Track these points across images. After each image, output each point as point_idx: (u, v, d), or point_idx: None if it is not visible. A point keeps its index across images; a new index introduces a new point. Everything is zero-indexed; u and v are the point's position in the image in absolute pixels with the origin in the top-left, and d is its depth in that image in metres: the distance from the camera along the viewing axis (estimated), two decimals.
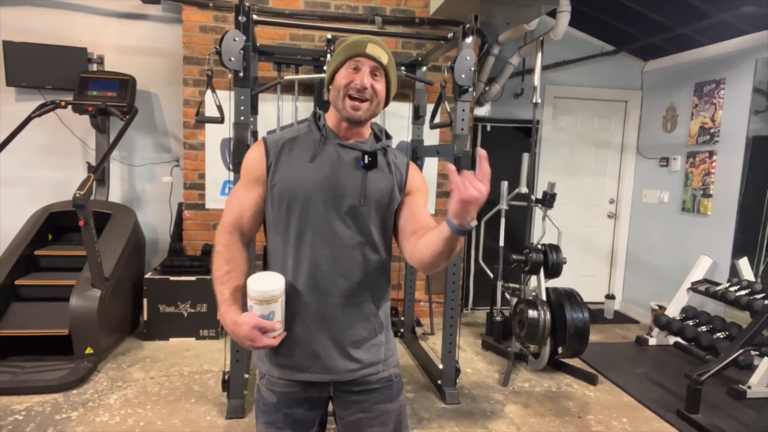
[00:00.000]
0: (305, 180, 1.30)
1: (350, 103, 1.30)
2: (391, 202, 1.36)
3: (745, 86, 4.01)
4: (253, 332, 1.21)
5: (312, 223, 1.30)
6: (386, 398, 1.38)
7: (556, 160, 5.19)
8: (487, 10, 3.98)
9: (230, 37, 2.59)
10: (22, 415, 2.72)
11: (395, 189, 1.36)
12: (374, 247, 1.34)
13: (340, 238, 1.30)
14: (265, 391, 1.36)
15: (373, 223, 1.34)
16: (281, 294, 1.22)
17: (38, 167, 4.33)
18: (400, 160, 1.43)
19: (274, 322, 1.22)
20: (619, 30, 4.64)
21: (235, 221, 1.35)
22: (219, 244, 1.33)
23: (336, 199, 1.30)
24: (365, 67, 1.30)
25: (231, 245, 1.33)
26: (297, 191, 1.30)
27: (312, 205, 1.29)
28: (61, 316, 3.28)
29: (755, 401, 3.19)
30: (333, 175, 1.31)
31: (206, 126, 4.16)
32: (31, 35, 4.12)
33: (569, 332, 3.32)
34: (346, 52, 1.32)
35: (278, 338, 1.26)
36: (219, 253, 1.32)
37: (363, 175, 1.33)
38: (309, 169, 1.31)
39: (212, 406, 2.91)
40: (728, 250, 4.09)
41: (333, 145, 1.35)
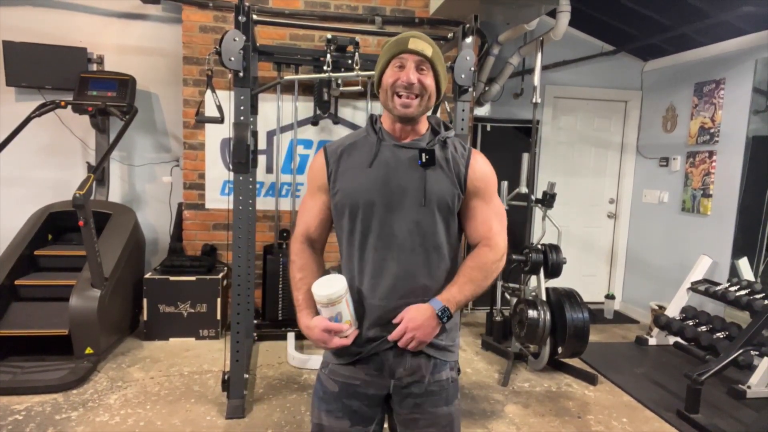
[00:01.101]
0: (364, 185, 1.30)
1: (399, 101, 1.29)
2: (453, 201, 1.34)
3: (744, 86, 4.01)
4: (324, 335, 1.27)
5: (374, 227, 1.30)
6: (443, 401, 1.37)
7: (556, 160, 5.19)
8: (487, 10, 3.98)
9: (230, 37, 2.59)
10: (22, 415, 2.72)
11: (455, 187, 1.34)
12: (438, 249, 1.33)
13: (402, 240, 1.30)
14: (326, 379, 1.38)
15: (437, 224, 1.32)
16: (344, 294, 1.26)
17: (38, 167, 4.32)
18: (460, 152, 1.38)
19: (342, 323, 1.27)
20: (619, 30, 4.64)
21: (305, 231, 1.41)
22: (292, 253, 1.41)
23: (397, 201, 1.30)
24: (410, 63, 1.29)
25: (302, 253, 1.40)
26: (357, 197, 1.31)
27: (373, 210, 1.30)
28: (61, 316, 3.28)
29: (755, 401, 3.19)
30: (392, 178, 1.30)
31: (206, 126, 4.16)
32: (30, 35, 4.12)
33: (569, 332, 3.32)
34: (389, 52, 1.31)
35: (351, 336, 1.29)
36: (293, 262, 1.39)
37: (422, 174, 1.31)
38: (368, 173, 1.31)
39: (212, 406, 2.91)
40: (728, 250, 4.09)
41: (390, 146, 1.34)
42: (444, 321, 1.28)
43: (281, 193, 4.33)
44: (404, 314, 1.28)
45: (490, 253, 1.35)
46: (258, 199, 4.14)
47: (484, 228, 1.37)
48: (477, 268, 1.33)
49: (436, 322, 1.27)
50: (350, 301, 1.28)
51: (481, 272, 1.33)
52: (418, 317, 1.27)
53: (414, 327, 1.26)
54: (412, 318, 1.27)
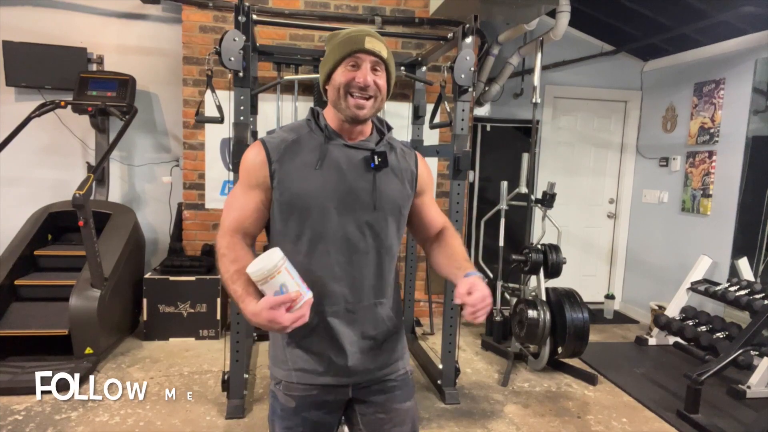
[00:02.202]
0: (315, 188, 1.24)
1: (353, 101, 1.24)
2: (404, 203, 1.33)
3: (744, 86, 4.01)
4: (273, 313, 1.08)
5: (326, 232, 1.25)
6: (405, 397, 1.38)
7: (556, 160, 5.19)
8: (487, 10, 3.98)
9: (230, 37, 2.59)
10: (22, 415, 2.72)
11: (407, 189, 1.34)
12: (389, 251, 1.32)
13: (355, 245, 1.26)
14: (282, 396, 1.31)
15: (389, 227, 1.30)
16: (281, 263, 1.11)
17: (38, 167, 4.32)
18: (408, 153, 1.38)
19: (289, 293, 1.10)
20: (619, 30, 4.64)
21: (236, 226, 1.28)
22: (222, 247, 1.25)
23: (349, 205, 1.25)
24: (366, 63, 1.24)
25: (233, 246, 1.25)
26: (308, 201, 1.24)
27: (325, 215, 1.24)
28: (60, 316, 3.28)
29: (755, 401, 3.19)
30: (343, 181, 1.26)
31: (206, 126, 4.16)
32: (30, 35, 4.12)
33: (569, 332, 3.32)
34: (343, 49, 1.24)
35: (305, 306, 1.12)
36: (223, 255, 1.24)
37: (373, 177, 1.27)
38: (317, 176, 1.25)
39: (212, 406, 2.91)
40: (728, 250, 4.09)
41: (338, 146, 1.28)
42: None
43: None
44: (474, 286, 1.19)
45: (456, 234, 1.44)
46: None
47: (440, 218, 1.45)
48: (461, 245, 1.41)
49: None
50: (292, 270, 1.12)
51: (462, 247, 1.40)
52: (485, 286, 1.22)
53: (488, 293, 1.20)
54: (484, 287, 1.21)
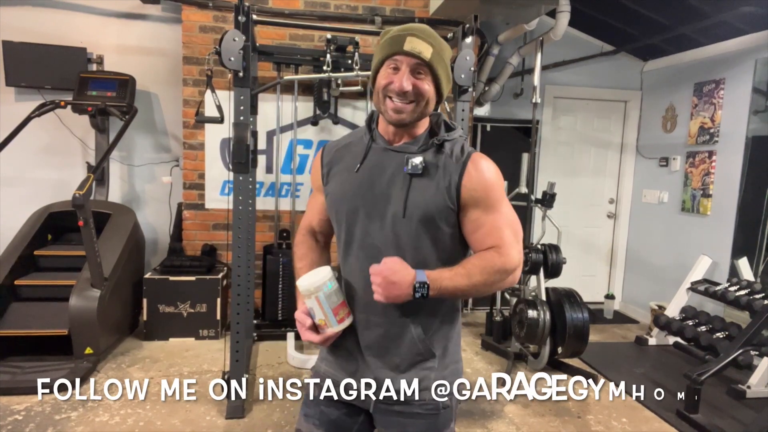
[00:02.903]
0: (350, 190, 1.23)
1: (392, 105, 1.16)
2: (440, 214, 1.18)
3: (744, 86, 4.01)
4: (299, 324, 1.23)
5: (357, 235, 1.23)
6: (430, 427, 1.26)
7: (556, 160, 5.19)
8: (487, 10, 3.98)
9: (230, 37, 2.59)
10: (22, 415, 2.72)
11: (444, 199, 1.18)
12: (423, 266, 1.16)
13: (383, 253, 1.18)
14: (312, 383, 1.34)
15: (420, 238, 1.19)
16: (315, 291, 1.18)
17: (38, 167, 4.32)
18: (456, 157, 1.21)
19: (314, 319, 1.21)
20: (619, 30, 4.64)
21: (307, 225, 1.40)
22: (294, 245, 1.39)
23: (380, 210, 1.20)
24: (404, 66, 1.15)
25: (302, 244, 1.38)
26: (342, 203, 1.24)
27: (356, 217, 1.22)
28: (60, 316, 3.27)
29: (755, 401, 3.19)
30: (376, 184, 1.21)
31: (206, 126, 4.15)
32: (30, 35, 4.11)
33: (569, 332, 3.32)
34: (384, 50, 1.17)
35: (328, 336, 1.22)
36: (294, 253, 1.37)
37: (407, 182, 1.19)
38: (354, 178, 1.23)
39: (212, 406, 2.90)
40: (728, 250, 4.09)
41: (380, 149, 1.24)
42: (416, 295, 1.12)
43: (281, 193, 4.33)
44: (387, 259, 1.14)
45: (497, 258, 1.17)
46: (258, 199, 4.14)
47: (492, 238, 1.19)
48: (479, 266, 1.16)
49: (408, 291, 1.12)
50: (325, 300, 1.18)
51: (481, 273, 1.16)
52: (397, 271, 1.12)
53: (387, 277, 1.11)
54: (392, 268, 1.12)
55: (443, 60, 1.19)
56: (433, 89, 1.19)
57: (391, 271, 1.12)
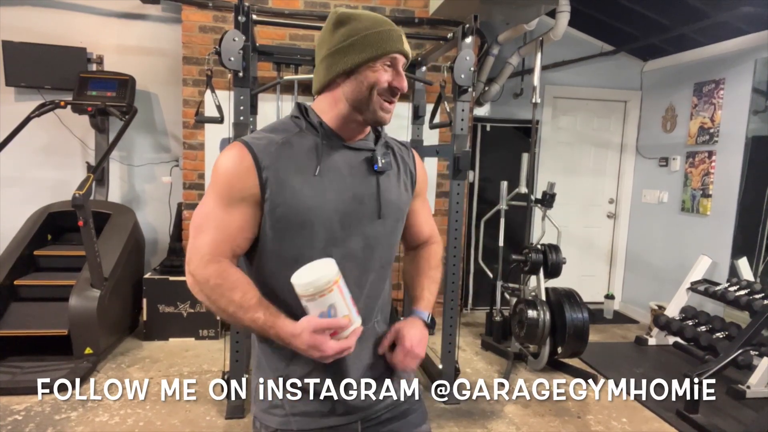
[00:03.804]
0: (315, 199, 1.05)
1: (384, 105, 1.10)
2: (406, 209, 1.22)
3: (744, 86, 4.01)
4: (316, 338, 0.96)
5: (330, 249, 1.06)
6: (420, 420, 1.23)
7: (556, 160, 5.19)
8: (487, 10, 3.98)
9: (230, 37, 2.59)
10: (22, 416, 2.72)
11: (408, 192, 1.21)
12: (390, 263, 1.20)
13: (363, 262, 1.11)
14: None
15: (394, 236, 1.18)
16: (335, 280, 0.96)
17: (37, 167, 4.32)
18: (405, 152, 1.24)
19: (338, 318, 0.97)
20: (619, 30, 4.64)
21: (220, 250, 1.05)
22: (210, 278, 1.03)
23: (354, 217, 1.09)
24: (401, 66, 1.11)
25: (224, 273, 1.04)
26: (308, 215, 1.05)
27: (328, 229, 1.06)
28: (60, 316, 3.28)
29: (754, 401, 3.19)
30: (347, 188, 1.09)
31: (206, 126, 4.15)
32: (30, 35, 4.11)
33: (569, 332, 3.32)
34: (380, 45, 1.07)
35: (353, 336, 1.01)
36: (217, 286, 1.02)
37: (377, 182, 1.13)
38: (317, 184, 1.06)
39: (211, 406, 2.90)
40: (727, 250, 4.09)
41: (337, 147, 1.11)
42: (431, 331, 1.21)
43: None
44: (402, 333, 1.14)
45: (439, 249, 1.34)
46: None
47: (428, 226, 1.33)
48: (435, 267, 1.31)
49: (427, 333, 1.19)
50: (345, 289, 0.99)
51: (438, 271, 1.31)
52: (415, 335, 1.15)
53: (415, 345, 1.14)
54: (412, 337, 1.14)
55: None
56: None
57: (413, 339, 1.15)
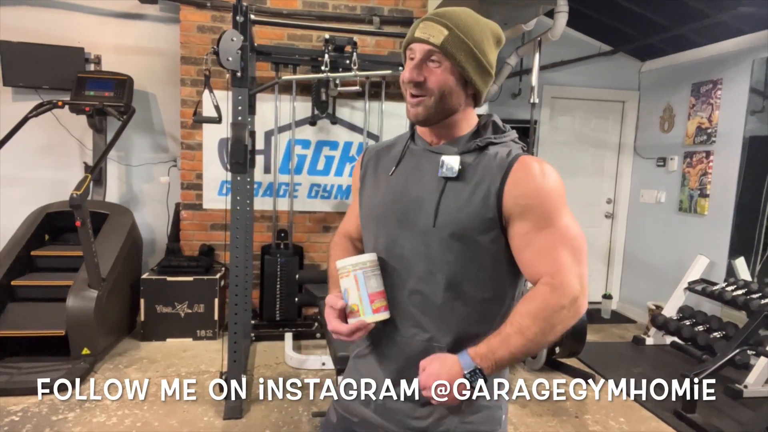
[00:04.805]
0: (382, 194, 1.13)
1: (409, 99, 1.07)
2: (476, 225, 1.02)
3: (742, 86, 4.02)
4: (327, 311, 1.08)
5: (385, 245, 1.09)
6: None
7: (554, 160, 5.14)
8: (485, 11, 3.96)
9: (228, 37, 2.59)
10: (19, 416, 2.71)
11: (481, 206, 1.02)
12: (454, 287, 1.04)
13: (411, 265, 1.06)
14: (331, 407, 1.25)
15: (452, 253, 1.03)
16: (354, 268, 1.04)
17: (35, 167, 4.31)
18: (499, 160, 1.04)
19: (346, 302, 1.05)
20: (617, 30, 4.64)
21: (345, 230, 1.31)
22: (330, 248, 1.30)
23: (412, 216, 1.06)
24: (417, 55, 1.04)
25: (338, 246, 1.27)
26: (373, 209, 1.14)
27: (386, 225, 1.10)
28: (57, 316, 3.26)
29: (752, 400, 3.20)
30: (410, 188, 1.08)
31: (204, 126, 4.15)
32: (28, 35, 4.10)
33: (566, 332, 3.31)
34: (404, 42, 1.09)
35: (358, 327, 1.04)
36: (330, 256, 1.25)
37: (441, 187, 1.04)
38: (388, 182, 1.13)
39: (209, 406, 2.90)
40: (725, 250, 4.10)
41: (419, 150, 1.12)
42: (474, 385, 0.97)
43: (279, 193, 4.32)
44: (427, 365, 1.00)
45: (551, 295, 0.98)
46: (256, 200, 4.14)
47: (543, 261, 1.01)
48: (530, 315, 0.98)
49: (463, 384, 0.97)
50: (363, 282, 1.03)
51: (535, 321, 0.97)
52: (442, 374, 0.97)
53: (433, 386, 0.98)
54: (435, 374, 0.98)
55: (466, 43, 1.03)
56: (453, 79, 1.04)
57: (433, 375, 0.98)
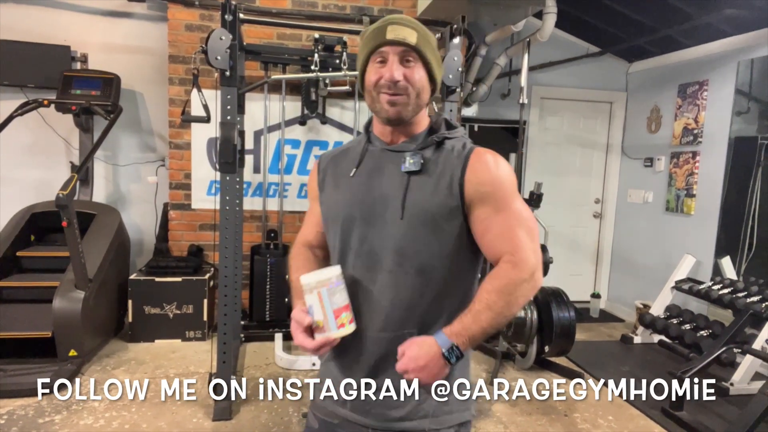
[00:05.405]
0: (345, 196, 1.17)
1: (386, 98, 1.10)
2: (441, 214, 1.10)
3: (727, 88, 4.07)
4: (293, 325, 1.10)
5: (353, 243, 1.14)
6: None
7: (543, 161, 5.22)
8: (475, 11, 3.99)
9: (216, 36, 2.58)
10: (4, 419, 2.67)
11: (445, 197, 1.10)
12: (424, 273, 1.10)
13: (381, 260, 1.11)
14: (310, 415, 1.26)
15: (421, 241, 1.10)
16: (318, 285, 1.06)
17: (21, 167, 4.25)
18: (457, 152, 1.14)
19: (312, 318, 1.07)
20: (604, 32, 4.68)
21: (304, 238, 1.32)
22: (289, 258, 1.31)
23: (376, 214, 1.12)
24: (392, 56, 1.10)
25: (299, 256, 1.29)
26: (337, 210, 1.17)
27: (352, 224, 1.14)
28: (44, 318, 3.22)
29: (738, 398, 3.23)
30: (373, 187, 1.14)
31: (192, 125, 4.12)
32: (13, 33, 4.04)
33: (556, 331, 3.34)
34: (367, 46, 1.12)
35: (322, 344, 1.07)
36: (289, 266, 1.28)
37: (405, 182, 1.12)
38: (350, 183, 1.17)
39: (199, 408, 2.88)
40: (711, 249, 4.15)
41: (377, 150, 1.18)
42: (452, 362, 1.05)
43: (269, 193, 4.30)
44: (405, 350, 1.06)
45: (512, 271, 1.07)
46: (245, 199, 4.12)
47: (503, 241, 1.09)
48: (496, 291, 1.06)
49: (442, 362, 1.04)
50: (328, 298, 1.06)
51: (501, 296, 1.05)
52: (422, 355, 1.04)
53: (417, 368, 1.04)
54: (415, 357, 1.04)
55: (430, 44, 1.14)
56: (426, 77, 1.13)
57: (413, 359, 1.04)
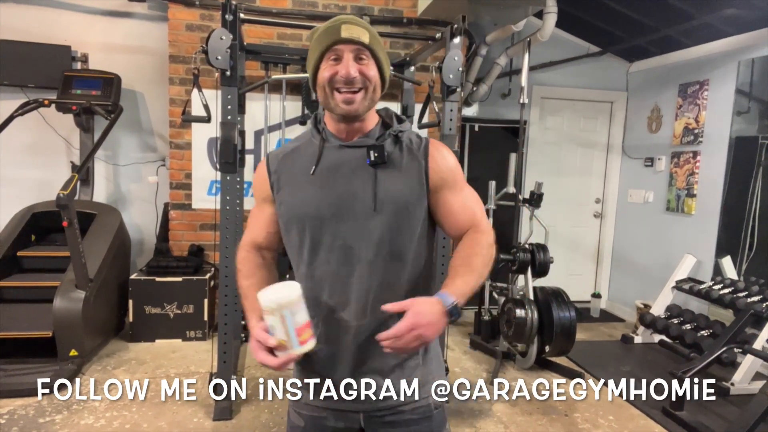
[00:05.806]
0: (309, 195, 1.17)
1: (341, 96, 1.14)
2: (412, 201, 1.18)
3: (728, 87, 4.06)
4: (254, 343, 1.09)
5: (325, 240, 1.16)
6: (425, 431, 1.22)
7: (543, 160, 5.22)
8: (475, 11, 3.99)
9: (217, 36, 2.58)
10: (5, 419, 2.68)
11: (415, 185, 1.19)
12: (399, 257, 1.17)
13: (356, 252, 1.15)
14: (293, 414, 1.27)
15: (395, 230, 1.16)
16: (280, 308, 1.06)
17: (21, 167, 4.25)
18: (416, 144, 1.23)
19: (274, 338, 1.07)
20: (605, 31, 4.68)
21: (252, 240, 1.31)
22: (237, 262, 1.30)
23: (347, 210, 1.15)
24: (347, 54, 1.13)
25: (248, 261, 1.29)
26: (304, 210, 1.17)
27: (322, 222, 1.16)
28: (44, 317, 3.23)
29: (738, 398, 3.23)
30: (339, 184, 1.17)
31: (193, 125, 4.12)
32: (13, 33, 4.05)
33: (556, 331, 3.34)
34: (321, 44, 1.15)
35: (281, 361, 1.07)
36: (239, 271, 1.29)
37: (373, 175, 1.16)
38: (312, 181, 1.18)
39: (199, 407, 2.88)
40: (712, 249, 4.15)
41: (335, 147, 1.20)
42: (452, 320, 1.09)
43: None
44: (410, 306, 1.06)
45: (482, 237, 1.22)
46: (245, 199, 4.12)
47: (466, 215, 1.24)
48: (475, 255, 1.19)
49: (445, 320, 1.08)
50: (290, 318, 1.07)
51: (479, 258, 1.18)
52: (428, 312, 1.06)
53: (423, 323, 1.05)
54: (421, 312, 1.05)
55: (380, 44, 1.19)
56: (378, 74, 1.18)
57: (421, 315, 1.06)
